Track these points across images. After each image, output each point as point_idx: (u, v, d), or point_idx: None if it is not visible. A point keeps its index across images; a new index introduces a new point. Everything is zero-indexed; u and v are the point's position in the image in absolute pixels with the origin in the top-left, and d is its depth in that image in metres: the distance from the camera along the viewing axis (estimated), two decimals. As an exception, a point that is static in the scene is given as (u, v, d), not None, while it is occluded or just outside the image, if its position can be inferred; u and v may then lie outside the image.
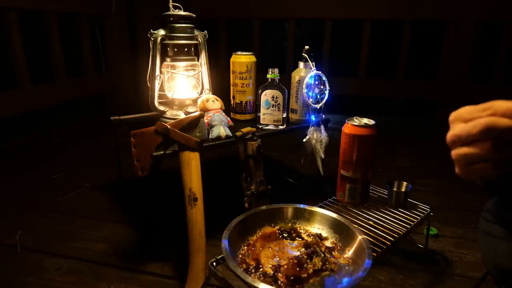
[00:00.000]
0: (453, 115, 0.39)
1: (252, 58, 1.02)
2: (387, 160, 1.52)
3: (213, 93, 0.99)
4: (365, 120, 0.78)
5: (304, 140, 0.96)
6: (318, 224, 0.65)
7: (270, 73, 0.97)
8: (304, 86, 0.94)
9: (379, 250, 0.65)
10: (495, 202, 0.55)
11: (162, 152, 0.75)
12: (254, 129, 0.81)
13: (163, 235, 0.94)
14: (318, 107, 0.96)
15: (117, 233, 0.95)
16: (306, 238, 0.62)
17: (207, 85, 1.01)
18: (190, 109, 0.86)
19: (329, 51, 2.28)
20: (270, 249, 0.58)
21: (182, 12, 0.91)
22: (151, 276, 0.78)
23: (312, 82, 0.95)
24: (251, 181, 0.81)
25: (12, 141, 1.64)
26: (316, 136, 0.96)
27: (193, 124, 0.76)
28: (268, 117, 0.98)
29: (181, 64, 0.96)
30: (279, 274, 0.52)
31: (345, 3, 2.19)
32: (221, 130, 0.84)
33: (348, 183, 0.79)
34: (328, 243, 0.60)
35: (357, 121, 0.77)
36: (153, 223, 1.01)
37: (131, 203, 1.12)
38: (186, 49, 0.95)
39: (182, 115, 0.91)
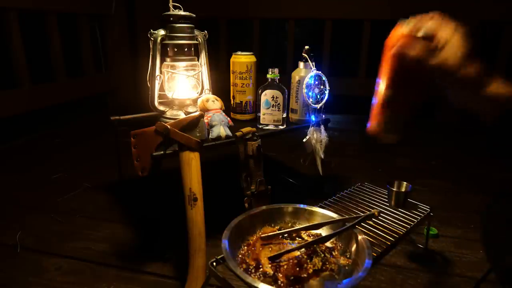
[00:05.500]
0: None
1: (252, 58, 1.02)
2: (387, 160, 1.52)
3: (213, 93, 0.99)
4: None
5: (304, 140, 0.97)
6: (318, 224, 0.65)
7: (270, 73, 0.97)
8: (304, 86, 0.95)
9: (379, 250, 0.65)
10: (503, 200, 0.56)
11: (162, 152, 0.75)
12: (254, 129, 0.81)
13: (163, 235, 0.94)
14: (318, 107, 0.96)
15: (117, 233, 0.95)
16: (306, 238, 0.62)
17: (207, 85, 1.01)
18: (190, 109, 0.86)
19: (329, 51, 2.28)
20: (270, 249, 0.58)
21: (182, 12, 0.91)
22: (151, 276, 0.78)
23: (312, 82, 0.95)
24: (251, 181, 0.81)
25: (12, 141, 1.64)
26: (316, 136, 0.96)
27: (193, 124, 0.76)
28: (268, 117, 0.98)
29: (181, 64, 0.95)
30: (279, 274, 0.52)
31: (345, 3, 2.19)
32: (221, 130, 0.84)
33: (387, 111, 0.59)
34: (328, 243, 0.60)
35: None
36: (153, 223, 1.01)
37: (131, 203, 1.12)
38: (186, 49, 0.95)
39: (182, 115, 0.92)
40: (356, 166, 1.45)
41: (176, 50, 0.94)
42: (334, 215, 0.65)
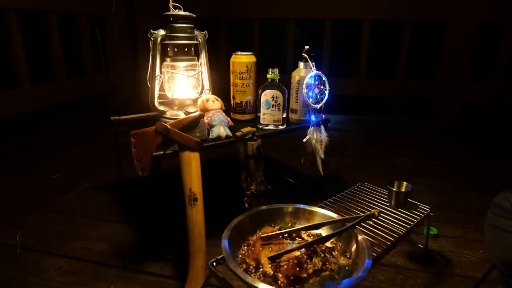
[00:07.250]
0: None
1: (252, 58, 1.02)
2: (387, 160, 1.52)
3: (213, 93, 0.99)
4: None
5: (304, 140, 0.96)
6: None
7: (270, 73, 0.97)
8: (304, 86, 0.95)
9: (379, 250, 0.65)
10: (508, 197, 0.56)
11: (162, 152, 0.75)
12: (254, 129, 0.81)
13: (163, 235, 0.94)
14: (318, 107, 0.96)
15: (117, 233, 0.95)
16: (306, 238, 0.62)
17: (207, 85, 1.01)
18: (190, 109, 0.86)
19: (329, 51, 2.29)
20: (270, 249, 0.58)
21: (182, 12, 0.91)
22: (151, 276, 0.78)
23: (312, 82, 0.95)
24: (251, 181, 0.81)
25: (12, 141, 1.64)
26: (316, 136, 0.96)
27: (193, 124, 0.76)
28: (268, 117, 0.98)
29: (181, 64, 0.96)
30: (279, 274, 0.52)
31: (345, 3, 2.19)
32: (221, 130, 0.84)
33: None
34: (328, 243, 0.60)
35: None
36: (153, 223, 1.01)
37: (131, 203, 1.12)
38: (186, 49, 0.95)
39: (182, 115, 0.91)
40: (356, 166, 1.45)
41: (176, 50, 0.94)
42: (334, 215, 0.65)
